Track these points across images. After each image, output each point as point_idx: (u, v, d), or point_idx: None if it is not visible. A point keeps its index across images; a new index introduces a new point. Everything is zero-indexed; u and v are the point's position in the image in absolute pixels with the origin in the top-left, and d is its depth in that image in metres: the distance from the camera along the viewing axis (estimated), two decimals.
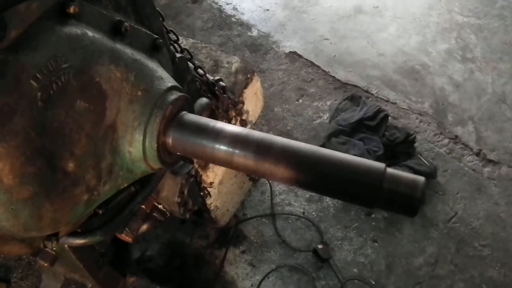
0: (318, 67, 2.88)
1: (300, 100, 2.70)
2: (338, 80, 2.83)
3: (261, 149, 0.85)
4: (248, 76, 1.73)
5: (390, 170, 0.78)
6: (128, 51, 0.92)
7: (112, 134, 0.88)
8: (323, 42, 3.06)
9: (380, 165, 0.77)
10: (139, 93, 0.90)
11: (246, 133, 0.88)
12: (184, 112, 0.96)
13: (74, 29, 0.80)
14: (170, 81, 0.97)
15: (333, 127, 2.49)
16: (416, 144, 2.50)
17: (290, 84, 2.77)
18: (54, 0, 0.77)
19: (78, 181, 0.83)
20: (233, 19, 3.16)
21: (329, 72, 2.86)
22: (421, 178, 0.77)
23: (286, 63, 2.89)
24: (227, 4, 3.27)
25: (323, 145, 2.48)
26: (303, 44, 3.02)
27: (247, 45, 2.97)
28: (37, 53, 0.72)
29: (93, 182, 0.87)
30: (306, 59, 2.92)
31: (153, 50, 1.05)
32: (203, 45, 1.82)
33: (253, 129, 1.81)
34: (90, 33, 0.82)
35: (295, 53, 2.95)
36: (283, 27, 3.14)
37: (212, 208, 1.91)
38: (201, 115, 1.20)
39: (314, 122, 2.61)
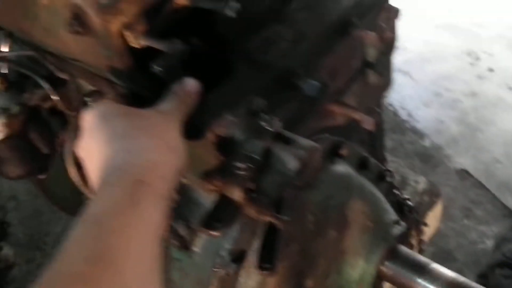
0: (488, 190, 2.83)
1: (465, 221, 2.66)
2: (508, 208, 2.74)
3: None
4: (434, 199, 1.78)
5: None
6: (368, 184, 1.05)
7: (341, 257, 0.99)
8: (496, 165, 3.01)
9: None
10: (370, 224, 1.02)
11: (463, 281, 0.94)
12: (402, 246, 1.05)
13: (341, 168, 0.94)
14: (393, 215, 1.08)
15: (498, 257, 2.41)
16: None
17: (457, 202, 2.75)
18: (331, 142, 0.93)
19: None
20: (406, 125, 3.25)
21: (499, 197, 2.79)
22: None
23: (455, 180, 2.88)
24: (403, 109, 3.37)
25: (484, 274, 2.41)
26: (475, 163, 2.99)
27: (417, 154, 3.02)
28: (317, 191, 0.87)
29: None
30: (476, 180, 2.88)
31: (379, 180, 1.17)
32: (392, 159, 1.92)
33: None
34: (350, 171, 0.96)
35: (465, 171, 2.93)
36: (456, 142, 3.15)
37: None
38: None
39: (477, 246, 2.55)
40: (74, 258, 0.49)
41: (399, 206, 1.69)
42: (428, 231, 1.99)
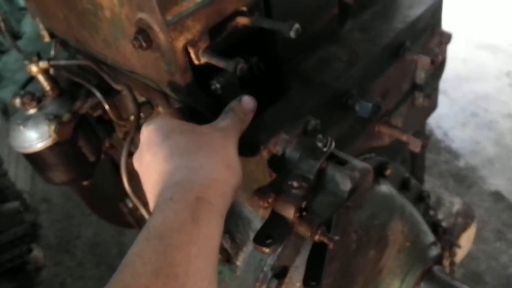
0: None
1: (497, 244, 2.63)
2: None
3: None
4: (468, 221, 1.77)
5: None
6: (409, 204, 1.06)
7: (378, 276, 1.00)
8: None
9: None
10: (408, 244, 1.02)
11: None
12: (437, 267, 1.06)
13: (385, 188, 0.95)
14: (431, 236, 1.08)
15: None
16: None
17: (489, 224, 2.71)
18: (377, 162, 0.94)
19: None
20: (442, 144, 3.22)
21: None
22: None
23: (489, 201, 2.85)
24: (438, 128, 3.35)
25: None
26: (509, 185, 2.95)
27: (452, 174, 2.99)
28: (361, 210, 0.88)
29: None
30: (510, 202, 2.84)
31: (418, 200, 1.18)
32: (427, 178, 1.91)
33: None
34: (394, 192, 0.98)
35: (499, 193, 2.89)
36: (491, 163, 3.11)
37: None
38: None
39: (509, 270, 2.51)
40: (139, 270, 0.51)
41: (434, 226, 1.69)
42: (461, 253, 1.98)
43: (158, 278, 0.51)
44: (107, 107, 1.08)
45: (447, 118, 3.42)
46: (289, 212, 0.64)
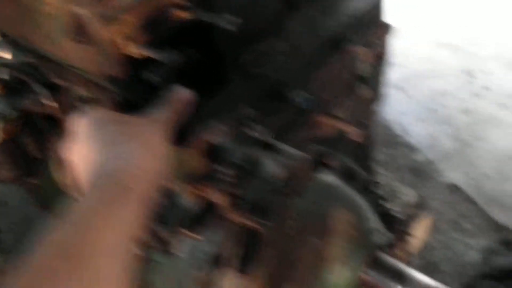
0: (477, 204, 2.87)
1: (453, 234, 2.70)
2: (495, 222, 2.79)
3: None
4: (422, 211, 1.82)
5: None
6: (355, 194, 1.09)
7: (324, 265, 1.02)
8: (485, 180, 3.05)
9: None
10: (354, 233, 1.05)
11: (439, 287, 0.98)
12: (383, 254, 1.09)
13: (327, 178, 0.97)
14: (377, 224, 1.11)
15: (484, 269, 2.46)
16: None
17: (445, 215, 2.79)
18: (318, 152, 0.96)
19: None
20: (399, 140, 3.29)
21: (487, 211, 2.83)
22: None
23: (445, 194, 2.93)
24: (396, 123, 3.42)
25: (470, 286, 2.45)
26: (465, 178, 3.04)
27: (409, 168, 3.06)
28: (300, 198, 0.90)
29: None
30: (466, 194, 2.93)
31: (364, 190, 1.21)
32: (382, 172, 1.96)
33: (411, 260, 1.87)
34: (336, 181, 1.00)
35: (456, 185, 2.98)
36: (448, 157, 3.19)
37: None
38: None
39: (464, 259, 2.59)
40: (48, 252, 0.52)
41: (387, 217, 1.73)
42: (416, 243, 2.03)
43: (68, 260, 0.51)
44: (52, 104, 1.08)
45: (405, 115, 3.50)
46: (222, 200, 0.66)
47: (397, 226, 1.72)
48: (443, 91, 3.69)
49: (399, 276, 1.02)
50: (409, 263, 1.82)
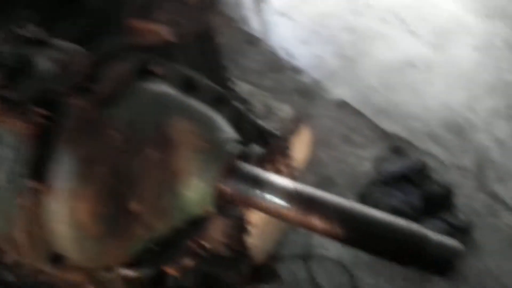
0: (365, 116, 2.96)
1: (345, 147, 2.78)
2: (383, 131, 2.89)
3: (312, 205, 0.92)
4: (298, 124, 1.82)
5: (431, 234, 0.83)
6: (197, 104, 1.03)
7: (174, 179, 0.97)
8: (372, 92, 3.14)
9: (423, 230, 0.83)
10: (203, 144, 0.99)
11: (299, 188, 0.96)
12: (241, 162, 1.05)
13: (154, 86, 0.90)
14: (231, 133, 1.07)
15: (375, 176, 2.56)
16: (454, 199, 2.53)
17: (336, 130, 2.85)
18: (139, 60, 0.89)
19: (140, 220, 0.93)
20: (285, 64, 3.29)
21: (375, 122, 2.93)
22: (459, 246, 0.81)
23: (334, 110, 2.98)
24: (281, 48, 3.41)
25: (363, 194, 2.55)
26: (352, 92, 3.11)
27: (297, 90, 3.08)
28: (122, 108, 0.83)
29: (153, 221, 0.96)
30: (354, 108, 3.00)
31: (218, 103, 1.15)
32: (256, 91, 1.92)
33: (299, 175, 1.88)
34: (167, 89, 0.93)
35: (343, 101, 3.04)
36: (333, 75, 3.24)
37: (251, 246, 1.98)
38: (252, 162, 1.29)
39: (356, 169, 2.68)
40: None
41: (261, 133, 1.71)
42: (299, 157, 2.05)
43: None
44: None
45: (289, 39, 3.49)
46: None
47: (272, 140, 1.71)
48: (325, 13, 3.70)
49: (258, 182, 0.99)
50: (294, 178, 1.84)
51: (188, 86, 1.03)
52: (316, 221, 0.90)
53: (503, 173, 2.69)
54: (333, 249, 2.33)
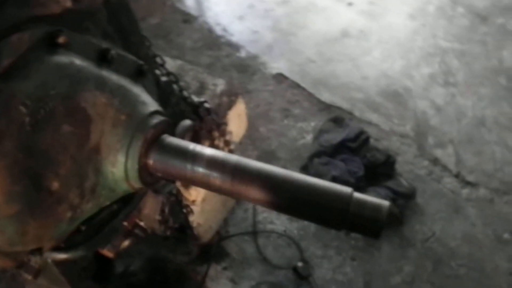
0: (304, 88, 2.96)
1: (285, 121, 2.77)
2: (323, 102, 2.91)
3: (237, 172, 0.90)
4: (233, 98, 1.80)
5: (356, 194, 0.82)
6: (114, 77, 0.98)
7: (96, 156, 0.93)
8: (309, 64, 3.15)
9: (347, 189, 0.82)
10: (123, 117, 0.95)
11: (223, 157, 0.93)
12: (165, 135, 1.02)
13: (62, 58, 0.85)
14: (153, 106, 1.03)
15: (316, 148, 2.57)
16: (396, 166, 2.57)
17: (275, 104, 2.84)
18: (44, 31, 0.83)
19: (61, 199, 0.88)
20: (222, 40, 3.25)
21: (314, 94, 2.94)
22: (386, 203, 0.81)
23: (273, 84, 2.97)
24: (217, 25, 3.36)
25: (305, 166, 2.56)
26: (290, 66, 3.10)
27: (235, 66, 3.04)
28: (26, 81, 0.78)
29: (76, 201, 0.92)
30: (292, 81, 3.00)
31: (138, 76, 1.11)
32: (190, 67, 1.89)
33: (237, 149, 1.87)
34: (77, 62, 0.88)
35: (281, 74, 3.03)
36: (270, 49, 3.22)
37: (195, 225, 1.96)
38: (184, 136, 1.25)
39: (298, 142, 2.68)
40: None
41: (195, 108, 1.68)
42: (236, 131, 2.04)
43: None
44: None
45: (224, 15, 3.45)
46: None
47: (208, 116, 1.68)
48: None
49: (185, 154, 0.96)
50: (232, 151, 1.82)
51: (102, 58, 0.98)
52: (249, 190, 0.89)
53: (443, 138, 2.76)
54: (279, 223, 2.34)
